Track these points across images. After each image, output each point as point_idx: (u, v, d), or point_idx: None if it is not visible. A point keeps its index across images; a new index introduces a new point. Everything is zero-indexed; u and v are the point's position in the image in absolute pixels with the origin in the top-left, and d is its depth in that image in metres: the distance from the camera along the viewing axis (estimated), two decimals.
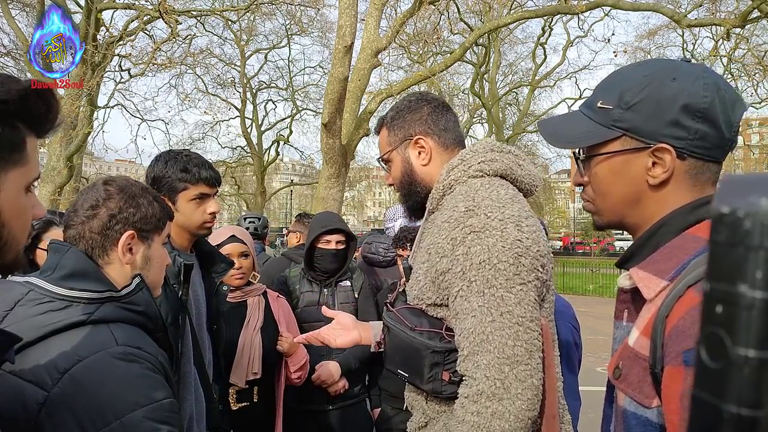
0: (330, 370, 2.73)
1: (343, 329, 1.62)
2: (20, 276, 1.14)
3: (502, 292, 1.18)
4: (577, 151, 1.00)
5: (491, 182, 1.34)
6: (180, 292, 1.80)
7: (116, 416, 0.98)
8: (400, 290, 1.47)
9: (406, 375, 1.36)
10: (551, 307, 1.34)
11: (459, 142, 1.51)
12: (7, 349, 0.85)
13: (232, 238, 2.52)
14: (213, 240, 2.34)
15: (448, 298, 1.28)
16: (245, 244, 2.54)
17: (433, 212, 1.42)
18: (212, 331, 2.06)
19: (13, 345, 0.87)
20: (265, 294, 2.66)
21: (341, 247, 2.83)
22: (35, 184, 0.86)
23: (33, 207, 0.84)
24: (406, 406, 1.47)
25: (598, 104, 0.94)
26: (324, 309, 1.71)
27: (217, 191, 1.98)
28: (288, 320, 2.68)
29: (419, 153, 1.48)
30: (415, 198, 1.50)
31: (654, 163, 0.89)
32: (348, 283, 2.90)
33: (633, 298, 0.91)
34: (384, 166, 1.58)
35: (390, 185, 1.58)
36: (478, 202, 1.27)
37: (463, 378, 1.23)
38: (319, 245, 2.81)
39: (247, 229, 3.97)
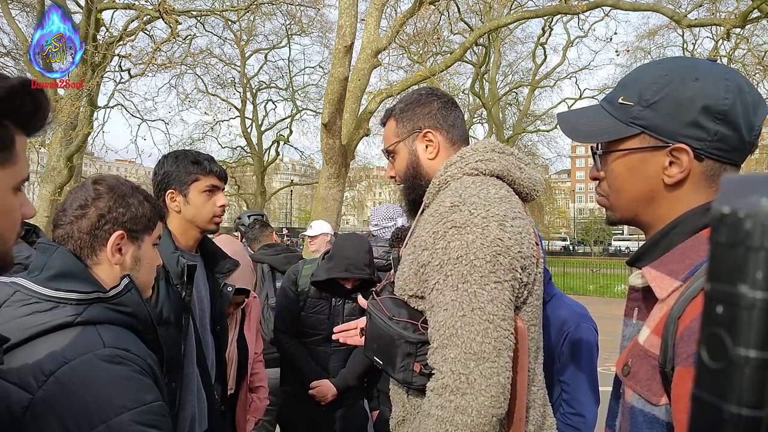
0: (326, 391, 2.74)
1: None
2: (7, 276, 1.11)
3: (476, 288, 1.18)
4: (594, 145, 0.99)
5: (484, 181, 1.33)
6: (183, 293, 1.79)
7: (102, 420, 0.96)
8: (389, 282, 1.47)
9: (381, 363, 1.38)
10: (534, 312, 1.33)
11: (465, 140, 1.52)
12: None
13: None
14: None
15: (426, 291, 1.29)
16: (241, 294, 2.38)
17: (428, 207, 1.42)
18: (215, 331, 2.06)
19: (1, 345, 0.86)
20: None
21: (357, 284, 2.74)
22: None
23: (22, 206, 0.83)
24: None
25: (619, 100, 0.93)
26: (361, 300, 1.71)
27: (224, 187, 2.00)
28: (254, 320, 2.64)
29: (426, 146, 1.48)
30: (417, 192, 1.49)
31: (671, 163, 0.88)
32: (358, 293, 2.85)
33: (644, 297, 0.91)
34: (388, 157, 1.57)
35: (391, 177, 1.57)
36: (465, 198, 1.27)
37: (432, 371, 1.23)
38: (337, 279, 2.72)
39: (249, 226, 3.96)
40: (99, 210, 1.20)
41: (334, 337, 1.72)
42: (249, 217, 4.21)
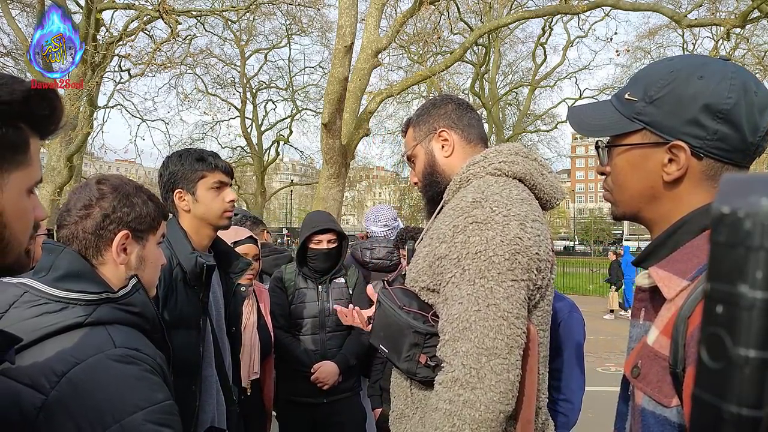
0: (329, 371, 2.78)
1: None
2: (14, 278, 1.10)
3: (492, 285, 1.19)
4: (602, 139, 1.00)
5: (507, 182, 1.35)
6: (201, 294, 1.78)
7: (116, 419, 0.97)
8: (401, 273, 1.48)
9: (386, 351, 1.39)
10: (544, 317, 1.33)
11: (482, 140, 1.55)
12: (6, 350, 0.85)
13: (251, 239, 2.55)
14: (230, 237, 2.32)
15: (440, 284, 1.29)
16: (258, 247, 2.58)
17: (448, 203, 1.43)
18: (231, 333, 2.05)
19: (12, 346, 0.86)
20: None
21: (333, 246, 2.89)
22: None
23: (34, 209, 0.83)
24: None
25: (626, 96, 0.94)
26: (369, 288, 1.76)
27: (232, 183, 1.99)
28: (268, 306, 2.82)
29: (443, 146, 1.51)
30: (435, 189, 1.51)
31: (670, 160, 0.89)
32: (342, 279, 2.95)
33: (651, 297, 0.91)
34: (410, 164, 1.60)
35: (415, 184, 1.60)
36: (487, 195, 1.28)
37: (440, 364, 1.24)
38: (311, 245, 2.88)
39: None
40: (103, 210, 1.20)
41: (339, 315, 1.75)
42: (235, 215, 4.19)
